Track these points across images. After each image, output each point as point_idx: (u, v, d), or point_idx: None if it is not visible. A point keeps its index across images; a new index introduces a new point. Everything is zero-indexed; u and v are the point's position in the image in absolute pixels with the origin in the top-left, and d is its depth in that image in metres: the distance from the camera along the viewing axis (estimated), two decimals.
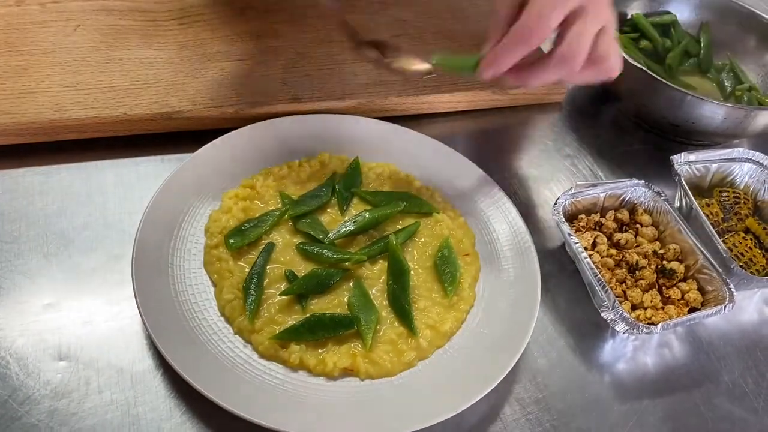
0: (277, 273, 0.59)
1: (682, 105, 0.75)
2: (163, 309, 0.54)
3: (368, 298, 0.58)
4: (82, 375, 0.53)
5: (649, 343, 0.63)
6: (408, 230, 0.63)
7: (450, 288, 0.60)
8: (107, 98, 0.68)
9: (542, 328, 0.62)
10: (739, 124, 0.75)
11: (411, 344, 0.56)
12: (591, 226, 0.67)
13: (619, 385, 0.59)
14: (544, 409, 0.57)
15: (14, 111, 0.65)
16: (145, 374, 0.53)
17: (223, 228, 0.60)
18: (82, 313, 0.56)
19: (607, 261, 0.64)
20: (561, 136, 0.80)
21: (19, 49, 0.71)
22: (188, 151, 0.64)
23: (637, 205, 0.69)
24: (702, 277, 0.63)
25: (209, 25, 0.78)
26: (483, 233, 0.65)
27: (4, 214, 0.61)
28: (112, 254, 0.60)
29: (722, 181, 0.74)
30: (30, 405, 0.51)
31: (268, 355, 0.54)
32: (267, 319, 0.56)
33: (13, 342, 0.54)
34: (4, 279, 0.57)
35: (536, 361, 0.59)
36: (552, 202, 0.67)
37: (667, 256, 0.65)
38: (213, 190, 0.64)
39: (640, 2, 0.90)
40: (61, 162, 0.66)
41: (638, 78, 0.76)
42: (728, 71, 0.87)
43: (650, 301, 0.62)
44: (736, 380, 0.61)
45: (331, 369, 0.54)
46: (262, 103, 0.71)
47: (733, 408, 0.60)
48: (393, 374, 0.55)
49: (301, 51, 0.78)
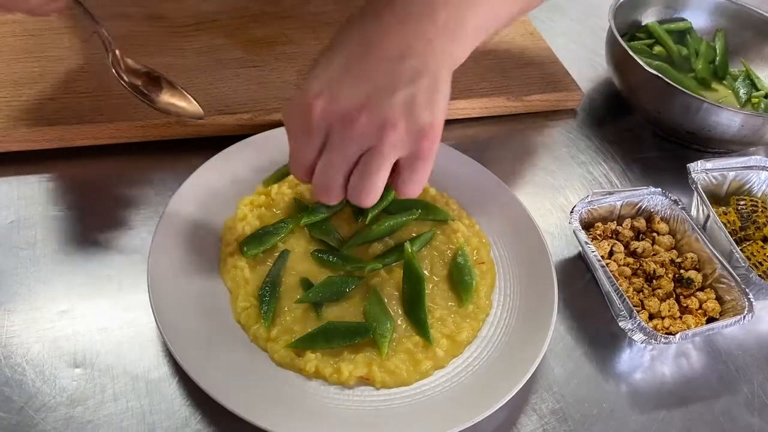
0: (293, 281, 0.59)
1: (698, 112, 0.74)
2: (178, 316, 0.54)
3: (384, 307, 0.58)
4: (98, 382, 0.53)
5: (666, 353, 0.62)
6: (423, 238, 0.63)
7: (466, 297, 0.59)
8: (123, 104, 0.68)
9: (559, 337, 0.61)
10: (756, 132, 0.75)
11: (427, 354, 0.56)
12: (608, 235, 0.67)
13: (636, 395, 0.59)
14: (561, 419, 0.56)
15: (30, 117, 0.65)
16: (161, 382, 0.53)
17: (239, 235, 0.60)
18: (97, 319, 0.56)
19: (624, 270, 0.64)
20: (576, 143, 0.79)
21: (35, 56, 0.71)
22: (203, 157, 0.64)
23: (654, 214, 0.69)
24: (720, 287, 0.63)
25: (224, 32, 0.79)
26: (499, 241, 0.65)
27: (20, 220, 0.61)
28: (128, 261, 0.60)
29: (739, 189, 0.73)
30: (46, 412, 0.50)
31: (284, 363, 0.54)
32: (283, 327, 0.56)
33: (29, 348, 0.54)
34: (20, 285, 0.57)
35: (553, 371, 0.59)
36: (568, 209, 0.67)
37: (685, 264, 0.65)
38: (228, 197, 0.63)
39: (655, 9, 0.89)
40: (76, 168, 0.66)
41: (654, 85, 0.75)
42: (744, 78, 0.86)
43: (668, 310, 0.61)
44: (755, 391, 0.61)
45: (346, 378, 0.53)
46: (277, 109, 0.71)
47: (752, 419, 0.59)
48: (409, 384, 0.55)
49: (315, 57, 0.77)
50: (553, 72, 0.82)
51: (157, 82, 0.62)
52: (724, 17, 0.89)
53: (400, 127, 0.47)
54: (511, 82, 0.80)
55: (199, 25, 0.79)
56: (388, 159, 0.48)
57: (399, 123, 0.47)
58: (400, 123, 0.47)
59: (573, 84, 0.82)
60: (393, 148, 0.48)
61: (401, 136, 0.47)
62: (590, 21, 0.97)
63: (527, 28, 0.88)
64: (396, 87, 0.47)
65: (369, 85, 0.47)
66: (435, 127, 0.48)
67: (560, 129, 0.81)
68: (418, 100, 0.48)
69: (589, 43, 0.93)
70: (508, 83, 0.79)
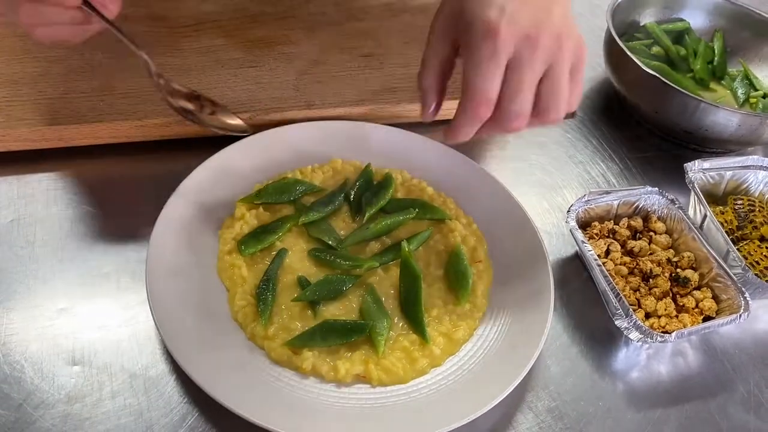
0: (290, 279, 0.59)
1: (695, 112, 0.75)
2: (176, 314, 0.54)
3: (380, 305, 0.58)
4: (96, 380, 0.53)
5: (663, 352, 0.62)
6: (420, 237, 0.63)
7: (463, 295, 0.59)
8: (122, 104, 0.68)
9: (555, 336, 0.61)
10: (754, 132, 0.75)
11: (424, 352, 0.56)
12: (604, 234, 0.67)
13: (632, 393, 0.59)
14: (557, 417, 0.56)
15: (30, 117, 0.66)
16: (159, 379, 0.54)
17: (237, 234, 0.61)
18: (95, 317, 0.56)
19: (620, 269, 0.64)
20: (573, 143, 0.80)
21: (35, 56, 0.72)
22: (202, 156, 0.65)
23: (651, 213, 0.69)
24: (716, 286, 0.63)
25: (223, 32, 0.79)
26: (496, 240, 0.65)
27: (20, 218, 0.62)
28: (126, 259, 0.60)
29: (737, 188, 0.73)
30: (44, 409, 0.51)
31: (281, 361, 0.54)
32: (280, 326, 0.56)
33: (28, 346, 0.54)
34: (20, 283, 0.58)
35: (549, 369, 0.59)
36: (565, 209, 0.67)
37: (681, 264, 0.65)
38: (226, 196, 0.64)
39: (653, 10, 0.89)
40: (75, 167, 0.66)
41: (651, 85, 0.75)
42: (742, 78, 0.87)
43: (664, 309, 0.62)
44: (751, 389, 0.61)
45: (343, 375, 0.54)
46: (275, 109, 0.71)
47: (748, 417, 0.59)
48: (405, 381, 0.55)
49: (314, 58, 0.78)
50: None
51: (198, 100, 0.64)
52: (722, 17, 0.89)
53: (571, 38, 0.53)
54: None
55: (198, 25, 0.79)
56: (567, 68, 0.53)
57: (569, 35, 0.52)
58: (569, 35, 0.53)
59: None
60: (569, 58, 0.53)
61: (572, 46, 0.53)
62: (588, 21, 0.97)
63: None
64: (551, 7, 0.53)
65: (532, 7, 0.52)
66: (581, 35, 0.55)
67: (558, 128, 0.81)
68: (568, 15, 0.54)
69: (587, 43, 0.92)
70: None
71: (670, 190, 0.68)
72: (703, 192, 0.69)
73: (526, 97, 0.52)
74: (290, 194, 0.64)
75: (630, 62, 0.76)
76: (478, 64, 0.51)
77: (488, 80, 0.51)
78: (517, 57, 0.51)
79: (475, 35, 0.51)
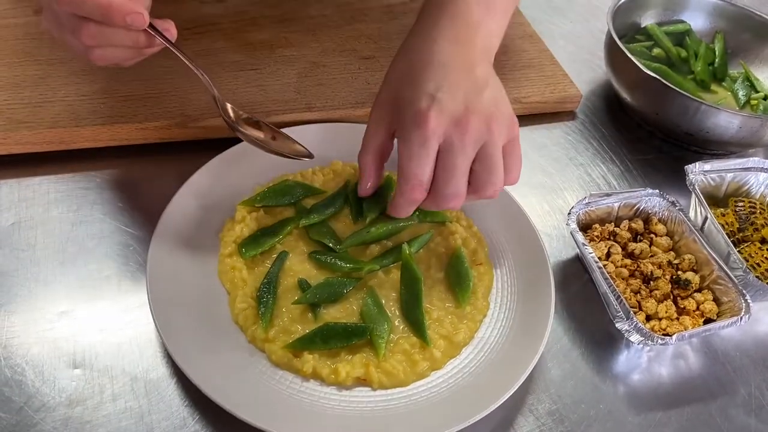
0: (291, 282, 0.59)
1: (696, 114, 0.74)
2: (177, 317, 0.55)
3: (381, 308, 0.58)
4: (97, 383, 0.53)
5: (664, 354, 0.62)
6: (421, 239, 0.63)
7: (463, 298, 0.59)
8: (123, 107, 0.68)
9: (556, 338, 0.61)
10: (755, 134, 0.75)
11: (424, 355, 0.56)
12: (605, 236, 0.67)
13: (633, 396, 0.59)
14: (558, 420, 0.56)
15: (31, 120, 0.66)
16: (159, 382, 0.54)
17: (237, 237, 0.61)
18: (96, 320, 0.56)
19: (621, 271, 0.64)
20: (574, 145, 0.80)
21: (36, 59, 0.72)
22: (202, 159, 0.65)
23: (652, 215, 0.69)
24: (717, 288, 0.63)
25: (224, 35, 0.79)
26: (496, 242, 0.65)
27: (21, 221, 0.62)
28: (127, 262, 0.60)
29: (737, 190, 0.73)
30: (45, 412, 0.51)
31: (281, 364, 0.54)
32: (280, 328, 0.56)
33: (29, 349, 0.54)
34: (21, 287, 0.58)
35: (550, 372, 0.59)
36: (566, 211, 0.67)
37: (682, 266, 0.65)
38: (227, 199, 0.64)
39: (654, 11, 0.89)
40: (76, 170, 0.67)
41: (652, 87, 0.75)
42: (743, 80, 0.87)
43: (665, 311, 0.61)
44: (752, 392, 0.61)
45: (344, 378, 0.54)
46: (276, 111, 0.71)
47: (749, 420, 0.59)
48: (406, 384, 0.55)
49: (314, 60, 0.78)
50: (552, 74, 0.82)
51: (258, 126, 0.64)
52: (723, 19, 0.89)
53: (499, 119, 0.55)
54: (510, 84, 0.80)
55: (199, 28, 0.79)
56: (500, 146, 0.55)
57: (497, 116, 0.55)
58: (498, 116, 0.55)
59: (572, 86, 0.82)
60: (500, 138, 0.55)
61: (501, 126, 0.55)
62: (589, 23, 0.97)
63: (526, 30, 0.88)
64: (481, 90, 0.55)
65: (462, 93, 0.54)
66: (513, 114, 0.57)
67: (559, 131, 0.81)
68: (498, 95, 0.57)
69: (588, 45, 0.93)
70: (507, 85, 0.79)
71: (671, 192, 0.68)
72: (704, 194, 0.69)
73: (460, 180, 0.54)
74: (291, 197, 0.64)
75: (630, 64, 0.76)
76: (410, 150, 0.54)
77: (420, 166, 0.54)
78: (448, 142, 0.53)
79: (406, 123, 0.54)
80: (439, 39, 0.57)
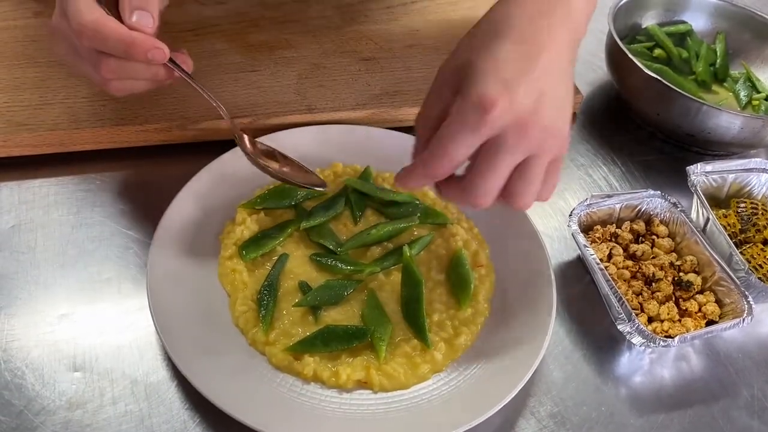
0: (291, 284, 0.59)
1: (697, 115, 0.74)
2: (177, 320, 0.54)
3: (382, 310, 0.58)
4: (97, 386, 0.53)
5: (666, 356, 0.62)
6: (422, 241, 0.63)
7: (464, 300, 0.59)
8: (123, 109, 0.68)
9: (557, 340, 0.61)
10: (756, 134, 0.75)
11: (425, 357, 0.56)
12: (607, 238, 0.67)
13: (635, 398, 0.59)
14: (560, 422, 0.56)
15: (31, 122, 0.66)
16: (160, 385, 0.53)
17: (238, 239, 0.61)
18: (96, 323, 0.56)
19: (623, 273, 0.64)
20: (575, 146, 0.79)
21: (36, 61, 0.72)
22: (203, 161, 0.65)
23: (653, 216, 0.69)
24: (720, 290, 0.63)
25: (224, 37, 0.79)
26: (497, 244, 0.65)
27: (21, 224, 0.62)
28: (127, 264, 0.60)
29: (739, 191, 0.73)
30: (45, 416, 0.51)
31: (282, 366, 0.54)
32: (281, 331, 0.56)
33: (29, 352, 0.54)
34: (21, 289, 0.58)
35: (551, 374, 0.59)
36: (567, 212, 0.67)
37: (684, 267, 0.65)
38: (227, 201, 0.64)
39: (655, 12, 0.89)
40: (76, 173, 0.67)
41: (653, 88, 0.75)
42: (744, 81, 0.86)
43: (667, 313, 0.61)
44: (755, 394, 0.61)
45: (344, 381, 0.54)
46: (276, 113, 0.71)
47: (752, 422, 0.59)
48: (407, 387, 0.55)
49: (315, 62, 0.78)
50: None
51: (273, 156, 0.64)
52: (724, 19, 0.89)
53: (557, 136, 0.49)
54: None
55: (199, 30, 0.79)
56: (546, 162, 0.50)
57: (556, 132, 0.49)
58: (556, 133, 0.49)
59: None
60: (550, 154, 0.50)
61: (556, 142, 0.49)
62: (590, 24, 0.96)
63: None
64: (556, 98, 0.49)
65: (537, 92, 0.48)
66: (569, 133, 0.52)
67: None
68: (566, 109, 0.51)
69: (589, 46, 0.92)
70: None
71: (673, 194, 0.68)
72: (706, 195, 0.69)
73: (497, 181, 0.49)
74: (291, 199, 0.64)
75: (632, 65, 0.76)
76: (458, 127, 0.48)
77: (459, 147, 0.48)
78: (501, 137, 0.48)
79: (467, 100, 0.47)
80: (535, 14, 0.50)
